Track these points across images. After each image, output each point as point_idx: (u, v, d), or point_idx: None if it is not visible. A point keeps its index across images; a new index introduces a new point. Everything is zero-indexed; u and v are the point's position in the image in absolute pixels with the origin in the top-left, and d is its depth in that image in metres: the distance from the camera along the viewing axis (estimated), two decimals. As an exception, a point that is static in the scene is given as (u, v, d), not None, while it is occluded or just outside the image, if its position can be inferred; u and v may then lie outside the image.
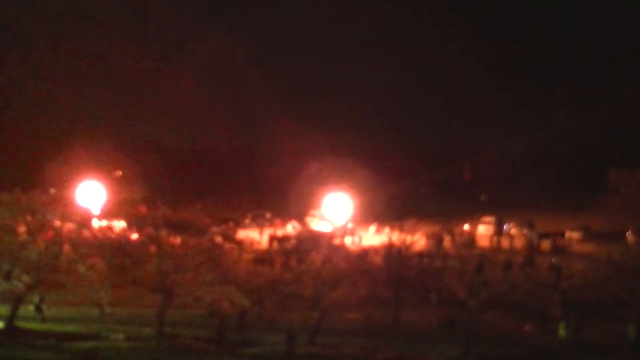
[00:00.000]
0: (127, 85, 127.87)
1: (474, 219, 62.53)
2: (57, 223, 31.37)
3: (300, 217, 64.53)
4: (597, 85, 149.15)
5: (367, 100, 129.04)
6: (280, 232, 52.80)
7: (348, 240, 31.24)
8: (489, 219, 65.90)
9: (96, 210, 43.56)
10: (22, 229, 30.80)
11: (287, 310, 33.06)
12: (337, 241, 30.60)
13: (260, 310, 32.88)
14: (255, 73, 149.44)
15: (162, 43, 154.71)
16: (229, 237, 30.72)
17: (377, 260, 31.50)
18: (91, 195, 48.52)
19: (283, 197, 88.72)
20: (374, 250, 31.57)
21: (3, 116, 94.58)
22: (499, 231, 62.66)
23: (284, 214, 71.34)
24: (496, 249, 51.67)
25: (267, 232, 57.53)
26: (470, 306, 27.71)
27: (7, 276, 29.70)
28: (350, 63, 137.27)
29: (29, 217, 30.77)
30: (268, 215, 74.89)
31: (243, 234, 32.89)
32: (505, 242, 56.36)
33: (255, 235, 50.96)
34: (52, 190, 34.25)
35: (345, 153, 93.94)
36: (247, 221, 69.31)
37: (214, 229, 30.86)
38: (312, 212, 69.35)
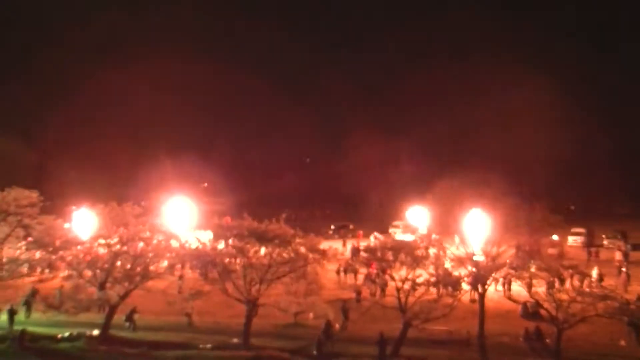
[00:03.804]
0: (209, 99, 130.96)
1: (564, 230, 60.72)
2: (148, 234, 32.45)
3: (383, 228, 64.40)
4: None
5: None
6: (363, 243, 52.79)
7: (432, 251, 30.69)
8: (579, 229, 63.92)
9: (184, 221, 44.90)
10: (115, 239, 32.01)
11: (371, 321, 33.04)
12: (421, 252, 30.15)
13: (344, 321, 32.96)
14: (339, 81, 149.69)
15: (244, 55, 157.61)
16: (313, 248, 30.78)
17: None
18: (179, 207, 50.12)
19: (366, 209, 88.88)
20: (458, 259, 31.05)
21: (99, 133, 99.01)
22: (589, 242, 60.67)
23: (366, 225, 71.45)
24: (587, 260, 50.02)
25: (350, 243, 57.86)
26: (559, 319, 26.87)
27: (102, 286, 30.94)
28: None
29: (122, 229, 31.95)
30: (351, 226, 75.22)
31: (326, 244, 32.89)
32: (596, 254, 54.50)
33: (339, 246, 51.06)
34: (143, 203, 35.40)
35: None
36: (330, 232, 69.86)
37: (298, 239, 30.97)
38: (395, 222, 69.17)
